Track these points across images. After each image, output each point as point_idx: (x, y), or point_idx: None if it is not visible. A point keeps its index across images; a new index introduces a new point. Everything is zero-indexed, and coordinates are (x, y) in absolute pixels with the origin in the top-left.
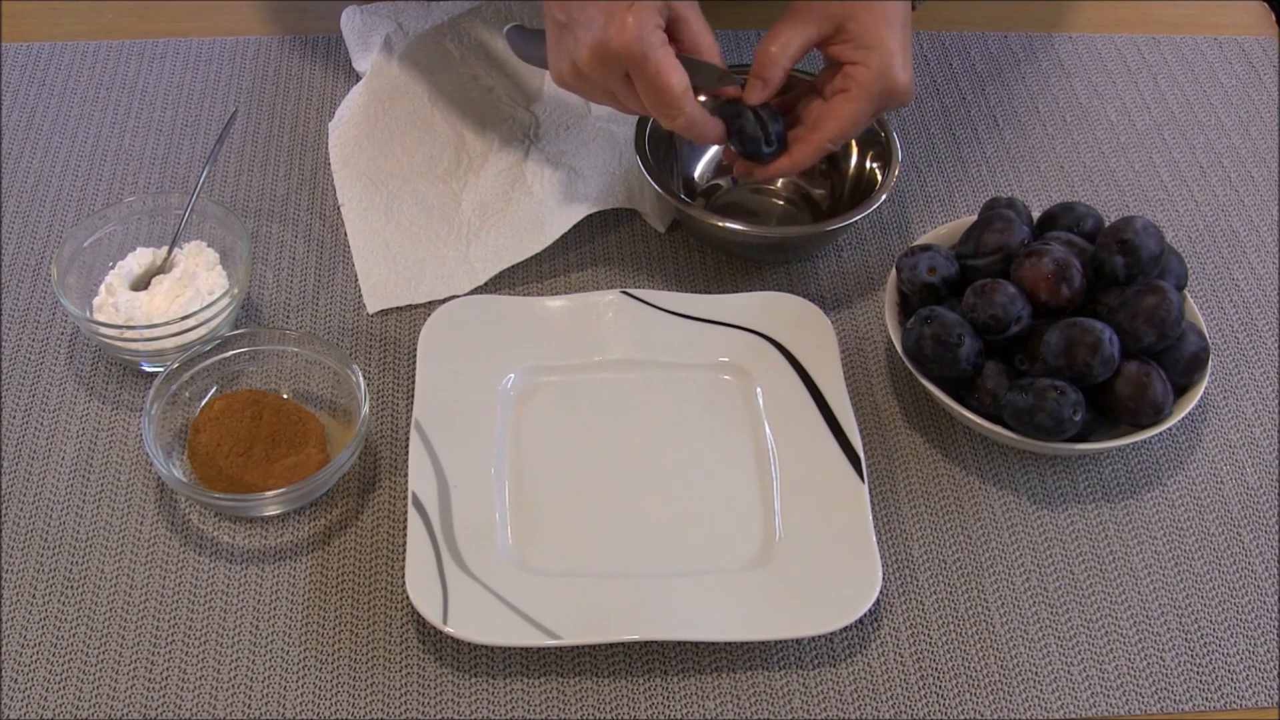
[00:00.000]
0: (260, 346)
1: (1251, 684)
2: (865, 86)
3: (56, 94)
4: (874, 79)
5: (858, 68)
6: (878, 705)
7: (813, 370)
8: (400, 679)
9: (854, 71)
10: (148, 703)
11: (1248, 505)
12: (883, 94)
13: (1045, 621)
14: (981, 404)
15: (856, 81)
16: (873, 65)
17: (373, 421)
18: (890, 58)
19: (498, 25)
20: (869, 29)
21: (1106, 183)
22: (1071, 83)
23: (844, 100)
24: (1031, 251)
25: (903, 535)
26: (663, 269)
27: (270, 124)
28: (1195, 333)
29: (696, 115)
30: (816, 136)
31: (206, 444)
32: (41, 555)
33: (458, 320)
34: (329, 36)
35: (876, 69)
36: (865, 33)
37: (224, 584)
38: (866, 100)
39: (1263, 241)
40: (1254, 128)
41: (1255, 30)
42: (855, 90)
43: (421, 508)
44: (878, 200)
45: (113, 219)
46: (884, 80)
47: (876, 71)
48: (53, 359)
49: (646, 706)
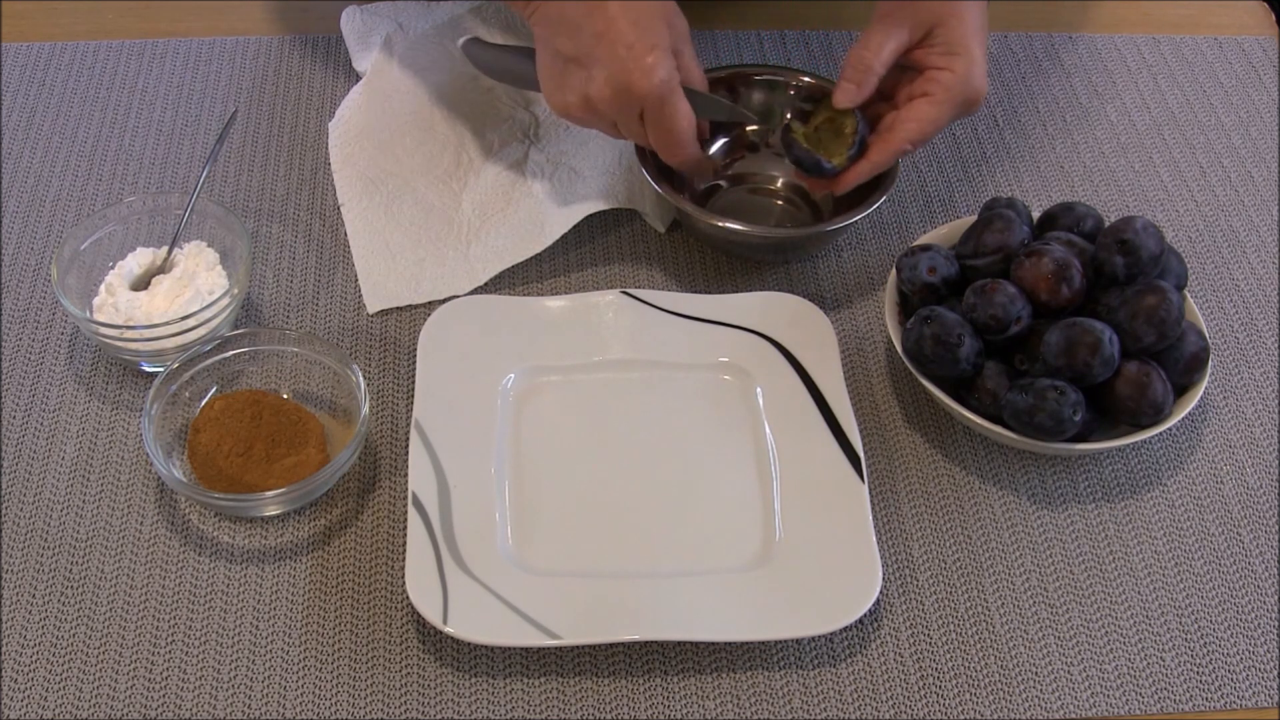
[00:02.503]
0: (260, 346)
1: (1251, 684)
2: (950, 90)
3: (56, 94)
4: (960, 84)
5: (943, 73)
6: (878, 705)
7: (813, 370)
8: (400, 679)
9: (939, 76)
10: (148, 703)
11: (1248, 505)
12: (965, 100)
13: (1045, 621)
14: (981, 404)
15: (943, 85)
16: (959, 71)
17: (373, 421)
18: (974, 64)
19: (499, 26)
20: (958, 35)
21: (1106, 183)
22: (1071, 83)
23: (927, 103)
24: (1031, 251)
25: (903, 535)
26: (663, 269)
27: (270, 124)
28: (1195, 333)
29: (696, 155)
30: (895, 138)
31: (206, 444)
32: (41, 555)
33: (458, 320)
34: (329, 36)
35: (963, 74)
36: (954, 39)
37: (224, 584)
38: (950, 105)
39: (1263, 241)
40: (1254, 128)
41: (1255, 30)
42: (940, 94)
43: (421, 508)
44: (878, 200)
45: (113, 219)
46: (968, 87)
47: (962, 77)
48: (53, 359)
49: (646, 706)
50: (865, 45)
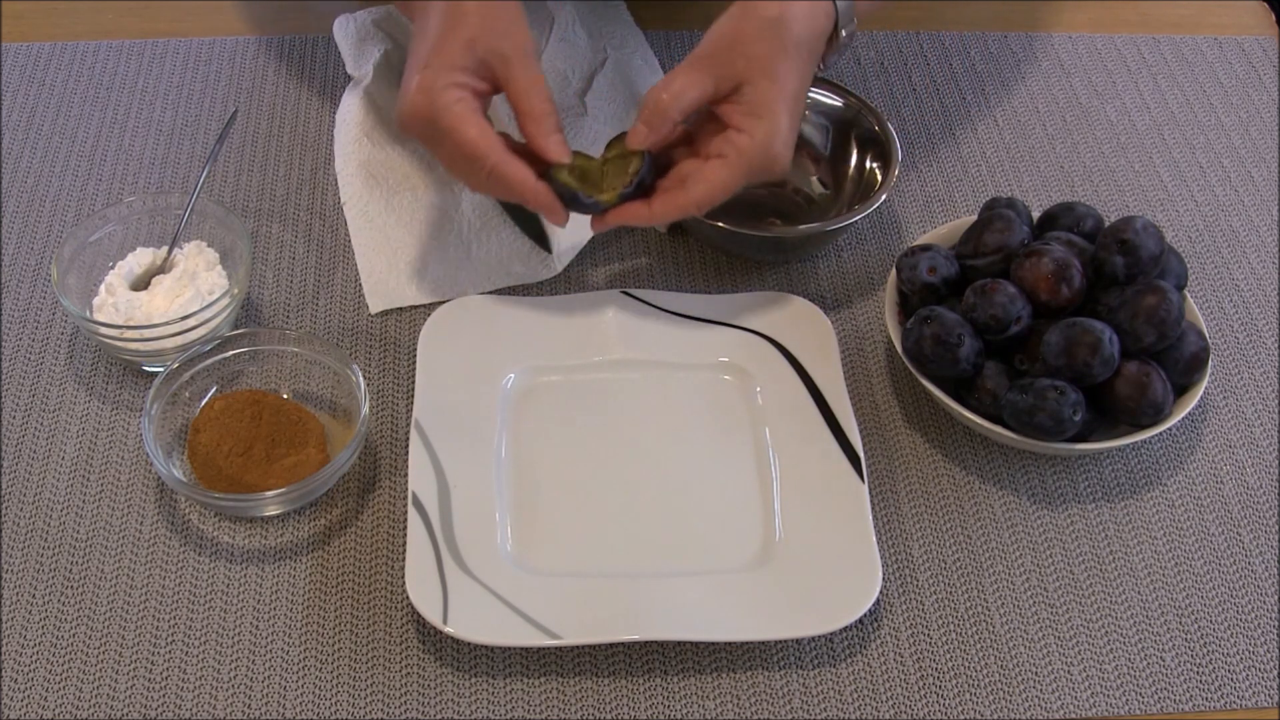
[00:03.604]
0: (260, 346)
1: (1251, 684)
2: (745, 157)
3: (56, 94)
4: (756, 152)
5: (742, 136)
6: (878, 705)
7: (813, 370)
8: (400, 679)
9: (737, 139)
10: (148, 703)
11: (1248, 505)
12: (761, 168)
13: (1045, 621)
14: (981, 404)
15: (737, 150)
16: (758, 137)
17: (373, 421)
18: (776, 133)
19: None
20: (766, 97)
21: (1106, 183)
22: (1071, 83)
23: (721, 167)
24: (1031, 251)
25: (903, 535)
26: (663, 269)
27: (270, 124)
28: (1195, 333)
29: (492, 185)
30: (683, 198)
31: (206, 444)
32: (41, 555)
33: (458, 320)
34: (329, 37)
35: (761, 141)
36: (760, 100)
37: (224, 584)
38: (743, 171)
39: (1263, 241)
40: (1254, 128)
41: (1255, 30)
42: (734, 159)
43: (421, 508)
44: (878, 200)
45: (113, 219)
46: (766, 154)
47: (761, 144)
48: (53, 359)
49: (646, 706)
50: (666, 87)
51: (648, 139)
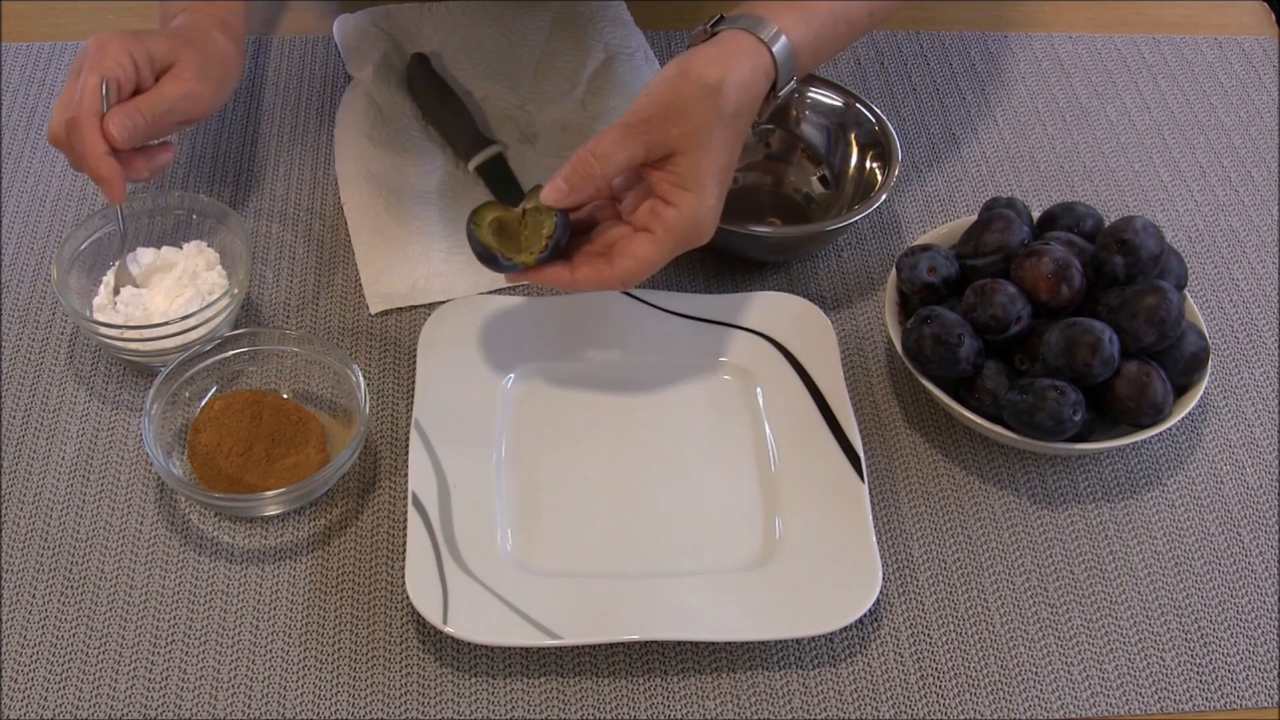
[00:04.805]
0: (260, 346)
1: (1251, 684)
2: (673, 231)
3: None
4: (684, 225)
5: (670, 209)
6: (878, 705)
7: (813, 370)
8: (400, 679)
9: (665, 213)
10: (148, 703)
11: (1248, 505)
12: (688, 240)
13: (1045, 621)
14: (981, 404)
15: (665, 224)
16: (685, 210)
17: (373, 421)
18: (704, 205)
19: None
20: (695, 169)
21: (1106, 183)
22: (1071, 83)
23: (648, 242)
24: (1031, 251)
25: (903, 535)
26: (663, 269)
27: (270, 124)
28: (1195, 333)
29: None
30: (608, 272)
31: (206, 444)
32: (41, 555)
33: (458, 320)
34: (329, 36)
35: (689, 214)
36: (689, 172)
37: (224, 584)
38: (670, 247)
39: (1263, 241)
40: (1254, 128)
41: (1255, 30)
42: (661, 234)
43: (421, 508)
44: (878, 200)
45: (113, 219)
46: (693, 228)
47: (689, 217)
48: (53, 359)
49: (646, 706)
50: (595, 148)
51: (567, 198)
